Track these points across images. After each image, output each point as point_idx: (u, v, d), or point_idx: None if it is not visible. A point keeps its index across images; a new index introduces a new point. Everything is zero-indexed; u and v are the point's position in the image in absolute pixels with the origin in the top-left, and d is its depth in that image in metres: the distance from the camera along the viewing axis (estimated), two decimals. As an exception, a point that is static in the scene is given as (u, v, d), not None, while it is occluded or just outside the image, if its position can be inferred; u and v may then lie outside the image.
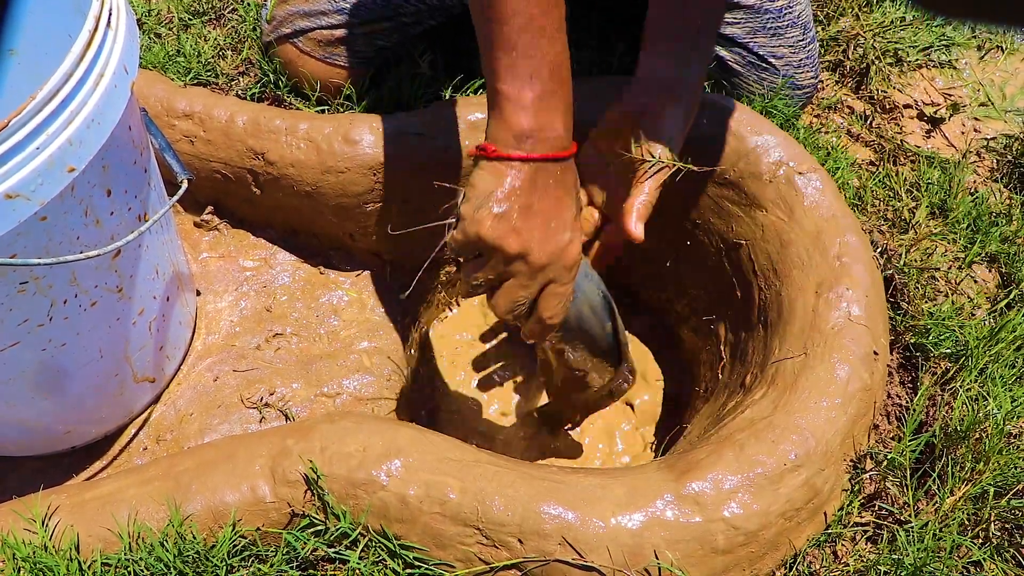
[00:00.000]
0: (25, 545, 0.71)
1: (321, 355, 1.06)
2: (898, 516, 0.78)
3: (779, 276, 0.94)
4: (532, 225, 0.73)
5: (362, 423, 0.79)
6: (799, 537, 0.76)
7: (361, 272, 1.14)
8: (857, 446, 0.80)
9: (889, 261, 0.97)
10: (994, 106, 1.29)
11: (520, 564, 0.71)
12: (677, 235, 1.11)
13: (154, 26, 1.20)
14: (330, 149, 1.02)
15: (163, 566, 0.70)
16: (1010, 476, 0.77)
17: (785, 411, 0.79)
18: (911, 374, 0.90)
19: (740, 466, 0.74)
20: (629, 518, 0.71)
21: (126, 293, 0.82)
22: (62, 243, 0.70)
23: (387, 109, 1.10)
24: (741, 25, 1.07)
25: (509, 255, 0.74)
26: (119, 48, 0.68)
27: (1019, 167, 1.19)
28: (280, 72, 1.12)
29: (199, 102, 1.05)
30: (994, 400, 0.82)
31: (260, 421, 0.99)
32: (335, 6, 1.06)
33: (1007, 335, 0.88)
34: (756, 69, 1.10)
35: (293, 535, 0.74)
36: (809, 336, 0.85)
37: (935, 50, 1.34)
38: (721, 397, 0.97)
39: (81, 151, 0.64)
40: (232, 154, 1.05)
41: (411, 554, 0.73)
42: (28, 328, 0.73)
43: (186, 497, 0.74)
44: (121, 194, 0.76)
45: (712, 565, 0.72)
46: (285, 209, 1.08)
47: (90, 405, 0.89)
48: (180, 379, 1.02)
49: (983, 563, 0.75)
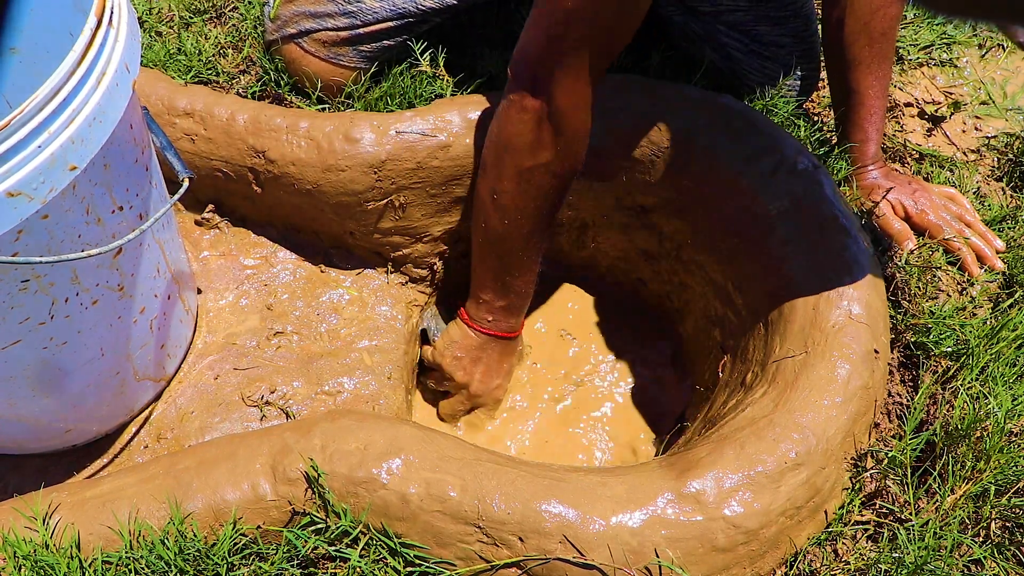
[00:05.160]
0: (26, 543, 0.71)
1: (322, 353, 1.06)
2: (899, 514, 0.78)
3: (779, 274, 0.94)
4: (476, 370, 1.11)
5: (363, 421, 0.79)
6: (800, 535, 0.76)
7: (362, 271, 1.14)
8: (858, 444, 0.80)
9: (890, 259, 0.97)
10: (995, 104, 1.29)
11: (521, 562, 0.71)
12: (678, 234, 1.11)
13: (155, 24, 1.20)
14: (331, 147, 1.02)
15: (164, 564, 0.70)
16: (1011, 474, 0.77)
17: (786, 409, 0.79)
18: (912, 372, 0.90)
19: (741, 464, 0.74)
20: (630, 516, 0.71)
21: (127, 291, 0.82)
22: (64, 241, 0.70)
23: (388, 107, 1.10)
24: (745, 12, 1.08)
25: (457, 384, 1.12)
26: (120, 46, 0.68)
27: (1020, 165, 1.19)
28: (281, 70, 1.12)
29: (200, 100, 1.05)
30: (995, 399, 0.82)
31: (261, 419, 0.99)
32: (341, 8, 1.06)
33: (1008, 334, 0.88)
34: (758, 57, 1.10)
35: (294, 533, 0.74)
36: (810, 334, 0.85)
37: (936, 48, 1.34)
38: (722, 395, 0.97)
39: (83, 149, 0.64)
40: (233, 152, 1.05)
41: (412, 552, 0.73)
42: (29, 326, 0.73)
43: (187, 495, 0.74)
44: (122, 192, 0.76)
45: (713, 563, 0.72)
46: (286, 207, 1.08)
47: (91, 403, 0.89)
48: (181, 377, 1.02)
49: (984, 561, 0.75)
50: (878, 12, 1.02)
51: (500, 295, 1.05)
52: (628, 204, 1.13)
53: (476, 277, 1.05)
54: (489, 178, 0.97)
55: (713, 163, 1.01)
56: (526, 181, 0.94)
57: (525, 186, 0.94)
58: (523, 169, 0.93)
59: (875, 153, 1.08)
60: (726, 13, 1.08)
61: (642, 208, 1.13)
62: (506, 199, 0.96)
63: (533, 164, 0.92)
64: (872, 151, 1.08)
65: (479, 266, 1.04)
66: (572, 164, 0.94)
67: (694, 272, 1.12)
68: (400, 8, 1.05)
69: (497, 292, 1.04)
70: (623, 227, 1.17)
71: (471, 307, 1.08)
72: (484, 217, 0.99)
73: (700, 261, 1.09)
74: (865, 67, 1.05)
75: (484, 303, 1.06)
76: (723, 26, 1.09)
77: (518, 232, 0.98)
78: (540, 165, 0.92)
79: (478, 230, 1.01)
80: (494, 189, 0.96)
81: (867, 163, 1.08)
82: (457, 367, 1.11)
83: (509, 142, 0.93)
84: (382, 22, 1.06)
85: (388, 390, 1.05)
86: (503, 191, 0.95)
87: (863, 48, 1.04)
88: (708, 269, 1.08)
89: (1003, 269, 1.00)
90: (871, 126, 1.07)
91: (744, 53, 1.10)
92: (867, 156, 1.08)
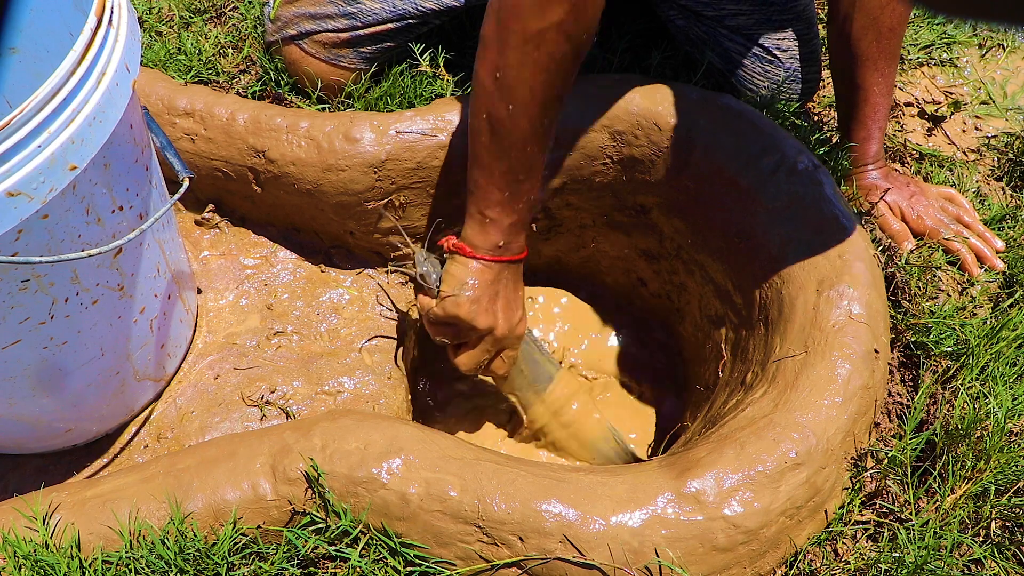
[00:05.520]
0: (26, 543, 0.71)
1: (322, 353, 1.06)
2: (899, 514, 0.78)
3: (779, 274, 0.94)
4: (497, 308, 0.96)
5: (363, 421, 0.79)
6: (800, 535, 0.76)
7: (362, 270, 1.14)
8: (858, 444, 0.80)
9: (890, 259, 0.97)
10: (995, 104, 1.29)
11: (521, 562, 0.71)
12: (678, 234, 1.11)
13: (155, 24, 1.20)
14: (331, 147, 1.02)
15: (164, 564, 0.70)
16: (1011, 474, 0.77)
17: (786, 409, 0.79)
18: (912, 372, 0.90)
19: (741, 464, 0.74)
20: (630, 516, 0.71)
21: (127, 291, 0.82)
22: (64, 241, 0.70)
23: (388, 107, 1.10)
24: (747, 16, 1.08)
25: (479, 331, 0.96)
26: (120, 46, 0.68)
27: (1020, 165, 1.19)
28: (281, 70, 1.12)
29: (200, 100, 1.05)
30: (995, 398, 0.82)
31: (261, 419, 0.99)
32: (342, 9, 1.06)
33: (1008, 333, 0.88)
34: (761, 61, 1.10)
35: (294, 533, 0.74)
36: (810, 334, 0.85)
37: (936, 48, 1.34)
38: (722, 395, 0.97)
39: (83, 149, 0.64)
40: (233, 152, 1.05)
41: (412, 552, 0.73)
42: (29, 326, 0.73)
43: (187, 495, 0.74)
44: (122, 192, 0.76)
45: (713, 563, 0.72)
46: (286, 207, 1.08)
47: (91, 403, 0.89)
48: (181, 377, 1.02)
49: (984, 561, 0.75)
50: (887, 7, 1.01)
51: (509, 207, 0.91)
52: (628, 204, 1.13)
53: (479, 194, 0.91)
54: (490, 55, 0.84)
55: (713, 163, 1.01)
56: (535, 48, 0.81)
57: (534, 54, 0.82)
58: (530, 35, 0.81)
59: (876, 152, 1.07)
60: (729, 17, 1.08)
61: (642, 208, 1.13)
62: (511, 76, 0.83)
63: (541, 26, 0.80)
64: (874, 150, 1.07)
65: (483, 178, 0.90)
66: (587, 22, 0.82)
67: (694, 272, 1.12)
68: (400, 9, 1.05)
69: (505, 204, 0.90)
70: (623, 227, 1.18)
71: (474, 236, 0.92)
72: (486, 109, 0.86)
73: (700, 261, 1.09)
74: (872, 63, 1.04)
75: (491, 223, 0.91)
76: (725, 30, 1.09)
77: (526, 118, 0.85)
78: (550, 26, 0.80)
79: (479, 131, 0.88)
80: (497, 67, 0.83)
81: (867, 162, 1.07)
82: (478, 312, 0.94)
83: (512, 5, 0.81)
84: (382, 24, 1.06)
85: (388, 390, 1.05)
86: (507, 66, 0.83)
87: (871, 44, 1.03)
88: (708, 269, 1.08)
89: (1003, 269, 1.00)
90: (874, 124, 1.07)
91: (746, 57, 1.10)
92: (868, 155, 1.07)
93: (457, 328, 0.96)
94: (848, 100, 1.08)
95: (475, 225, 0.92)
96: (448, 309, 0.94)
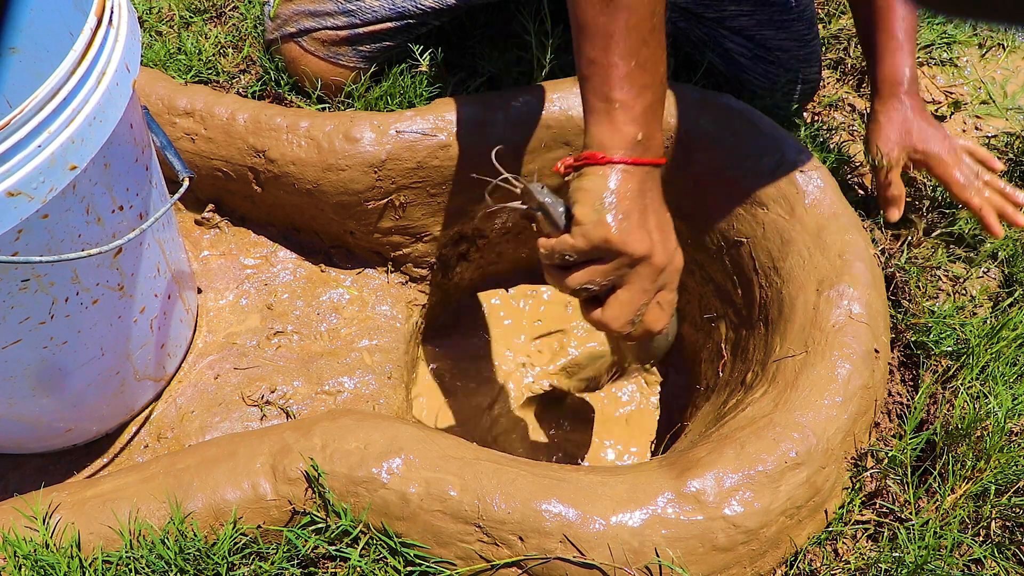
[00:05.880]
0: (26, 543, 0.71)
1: (322, 353, 1.06)
2: (899, 514, 0.78)
3: (780, 274, 0.94)
4: (651, 227, 0.73)
5: (363, 421, 0.79)
6: (800, 535, 0.76)
7: (362, 270, 1.14)
8: (858, 444, 0.80)
9: (890, 259, 0.97)
10: (995, 104, 1.29)
11: (521, 562, 0.71)
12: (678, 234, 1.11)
13: (155, 24, 1.20)
14: (331, 147, 1.02)
15: (164, 564, 0.70)
16: (1011, 474, 0.77)
17: (786, 409, 0.79)
18: (912, 372, 0.90)
19: (741, 464, 0.74)
20: (630, 516, 0.71)
21: (127, 291, 0.82)
22: (64, 241, 0.70)
23: (388, 107, 1.10)
24: (749, 17, 1.08)
25: (635, 258, 0.72)
26: (120, 46, 0.68)
27: (1020, 165, 1.19)
28: (281, 70, 1.12)
29: (200, 100, 1.05)
30: (995, 398, 0.82)
31: (261, 419, 0.99)
32: (340, 7, 1.06)
33: (1008, 333, 0.88)
34: (762, 62, 1.10)
35: (294, 533, 0.74)
36: (810, 334, 0.85)
37: (936, 48, 1.34)
38: (722, 395, 0.97)
39: (83, 149, 0.64)
40: (233, 152, 1.05)
41: (412, 552, 0.73)
42: (29, 326, 0.73)
43: (187, 495, 0.74)
44: (122, 192, 0.76)
45: (713, 563, 0.72)
46: (286, 207, 1.08)
47: (91, 403, 0.89)
48: (181, 377, 1.02)
49: (984, 561, 0.75)
50: None
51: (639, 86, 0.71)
52: (628, 204, 1.13)
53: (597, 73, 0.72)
54: None
55: (713, 163, 1.01)
56: None
57: None
58: None
59: (910, 71, 0.96)
60: (730, 19, 1.08)
61: (642, 208, 1.12)
62: None
63: None
64: (905, 65, 0.95)
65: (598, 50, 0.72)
66: None
67: (694, 272, 1.12)
68: (399, 7, 1.05)
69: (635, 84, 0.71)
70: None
71: (603, 133, 0.72)
72: None
73: (700, 261, 1.09)
74: None
75: (620, 109, 0.71)
76: (727, 31, 1.09)
77: None
78: None
79: None
80: None
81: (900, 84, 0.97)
82: (630, 232, 0.71)
83: None
84: (381, 22, 1.06)
85: (388, 389, 1.05)
86: None
87: None
88: (708, 269, 1.08)
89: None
90: (902, 32, 0.96)
91: (748, 58, 1.10)
92: (898, 70, 0.96)
93: (603, 263, 0.73)
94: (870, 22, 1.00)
95: (600, 118, 0.72)
96: (591, 234, 0.71)
